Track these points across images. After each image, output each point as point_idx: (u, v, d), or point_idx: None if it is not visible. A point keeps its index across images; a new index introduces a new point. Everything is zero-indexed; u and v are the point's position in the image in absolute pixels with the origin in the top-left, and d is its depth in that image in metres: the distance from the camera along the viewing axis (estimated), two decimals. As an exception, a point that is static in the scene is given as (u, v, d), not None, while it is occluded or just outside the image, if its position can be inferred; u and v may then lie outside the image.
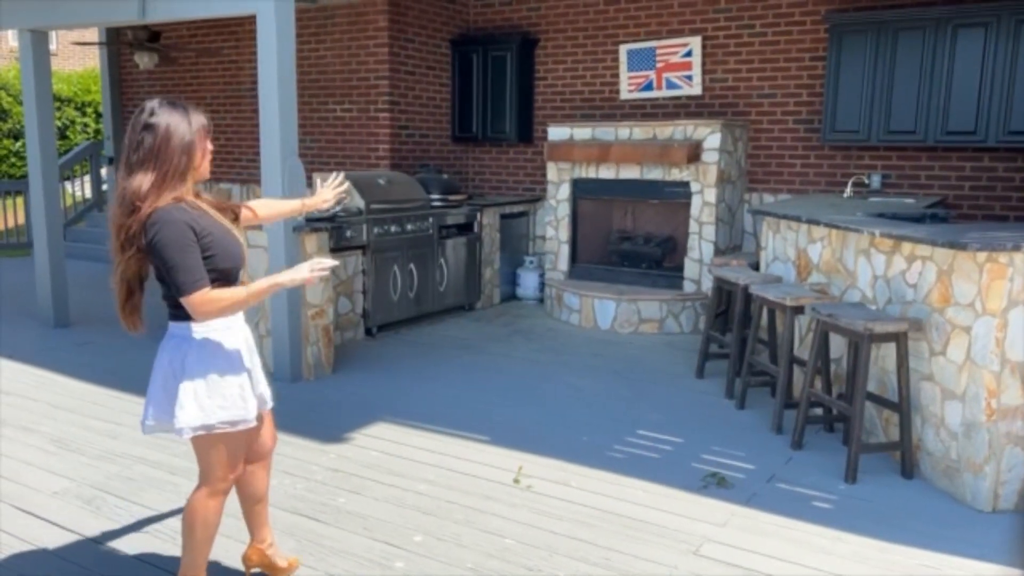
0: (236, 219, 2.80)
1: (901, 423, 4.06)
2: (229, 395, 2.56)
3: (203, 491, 2.68)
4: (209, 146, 2.62)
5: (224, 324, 2.60)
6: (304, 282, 2.57)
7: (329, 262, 2.61)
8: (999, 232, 4.02)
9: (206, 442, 2.62)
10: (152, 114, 2.48)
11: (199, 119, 2.57)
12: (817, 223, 4.90)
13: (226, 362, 2.58)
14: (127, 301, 2.58)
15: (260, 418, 2.84)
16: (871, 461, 4.23)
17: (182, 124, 2.50)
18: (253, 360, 2.76)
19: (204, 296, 2.43)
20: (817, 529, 3.52)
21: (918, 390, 4.09)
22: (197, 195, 2.64)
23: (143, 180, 2.43)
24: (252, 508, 3.00)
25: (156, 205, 2.42)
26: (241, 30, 9.30)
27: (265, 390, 2.83)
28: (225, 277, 2.55)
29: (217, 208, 2.69)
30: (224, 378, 2.57)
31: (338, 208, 3.12)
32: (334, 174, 3.18)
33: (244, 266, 2.67)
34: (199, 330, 2.56)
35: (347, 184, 3.16)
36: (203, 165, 2.60)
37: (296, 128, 5.51)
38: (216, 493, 2.69)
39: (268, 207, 3.06)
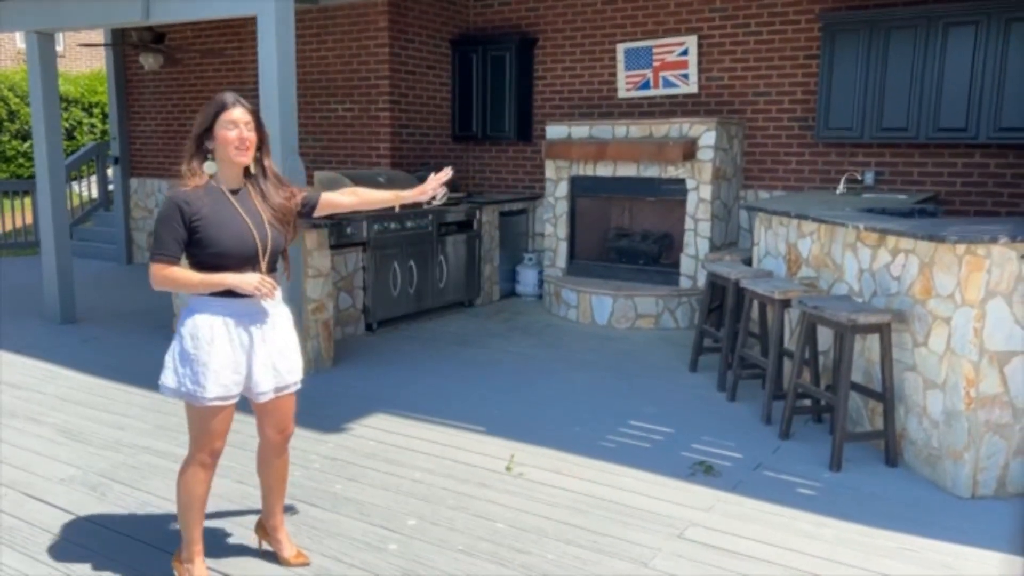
0: (293, 208, 2.96)
1: (885, 412, 4.15)
2: (196, 371, 2.75)
3: (185, 458, 2.95)
4: (226, 135, 2.75)
5: (221, 308, 2.78)
6: (249, 292, 2.73)
7: (269, 288, 2.74)
8: (979, 225, 4.11)
9: (186, 410, 2.87)
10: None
11: (209, 107, 2.78)
12: (806, 218, 5.00)
13: (205, 341, 2.75)
14: None
15: (261, 409, 2.98)
16: (856, 450, 4.32)
17: (201, 115, 2.79)
18: (254, 353, 2.84)
19: (160, 268, 2.73)
20: (801, 514, 3.62)
21: (902, 380, 4.18)
22: (246, 177, 2.86)
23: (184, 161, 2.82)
24: (264, 492, 3.16)
25: (182, 184, 2.76)
26: (244, 31, 9.42)
27: (259, 384, 2.87)
28: (216, 260, 2.74)
29: (270, 198, 2.86)
30: (197, 354, 2.76)
31: (437, 202, 3.11)
32: (446, 169, 3.14)
33: (260, 255, 2.80)
34: (198, 306, 2.80)
35: (449, 176, 3.07)
36: (223, 151, 2.77)
37: (296, 127, 5.62)
38: (192, 462, 2.90)
39: (356, 195, 3.17)
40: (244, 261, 2.78)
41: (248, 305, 2.82)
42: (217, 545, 3.26)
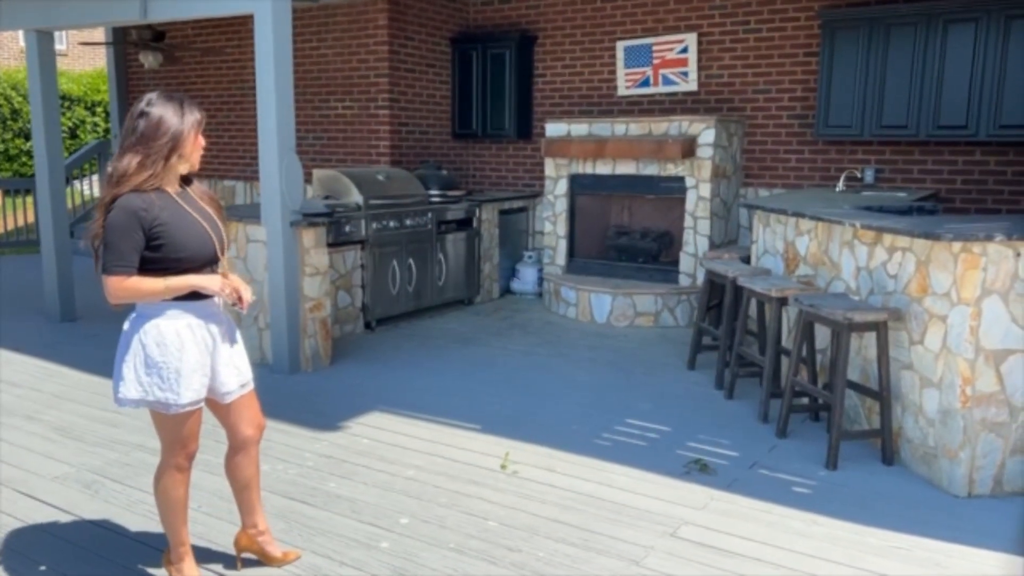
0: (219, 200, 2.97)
1: (882, 411, 4.13)
2: (166, 377, 2.69)
3: (159, 465, 2.90)
4: (201, 140, 2.80)
5: (181, 311, 2.73)
6: (215, 293, 2.74)
7: (246, 295, 2.77)
8: (976, 223, 4.09)
9: (153, 418, 2.82)
10: (148, 104, 2.70)
11: (192, 113, 2.74)
12: (803, 216, 4.98)
13: (174, 347, 2.69)
14: (98, 262, 2.73)
15: (231, 408, 2.93)
16: (854, 449, 4.31)
17: (174, 116, 2.68)
18: (217, 353, 2.83)
19: (120, 280, 2.61)
20: (794, 513, 3.61)
21: (898, 378, 4.16)
22: (187, 183, 2.83)
23: (131, 160, 2.63)
24: (238, 495, 3.10)
25: (131, 186, 2.60)
26: (244, 29, 9.42)
27: (225, 384, 2.87)
28: (181, 265, 2.69)
29: (210, 201, 2.87)
30: (166, 360, 2.69)
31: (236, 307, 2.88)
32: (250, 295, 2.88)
33: (220, 257, 2.81)
34: (154, 311, 2.72)
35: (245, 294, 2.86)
36: (192, 156, 2.76)
37: (293, 125, 5.62)
38: (168, 467, 2.86)
39: None
40: (206, 262, 2.76)
41: (207, 306, 2.80)
42: (207, 541, 3.26)
